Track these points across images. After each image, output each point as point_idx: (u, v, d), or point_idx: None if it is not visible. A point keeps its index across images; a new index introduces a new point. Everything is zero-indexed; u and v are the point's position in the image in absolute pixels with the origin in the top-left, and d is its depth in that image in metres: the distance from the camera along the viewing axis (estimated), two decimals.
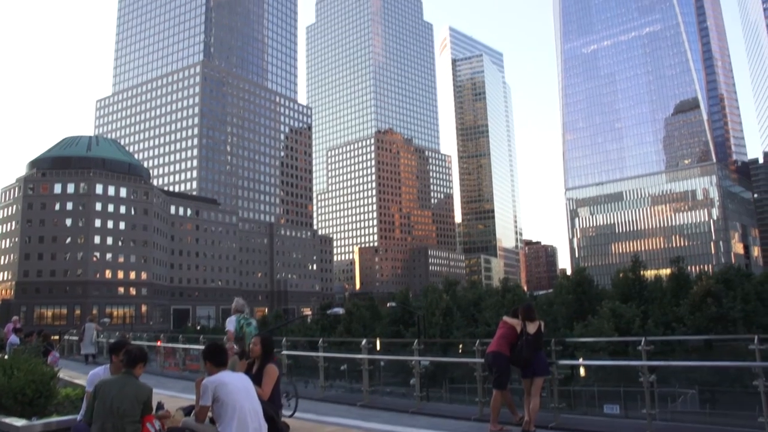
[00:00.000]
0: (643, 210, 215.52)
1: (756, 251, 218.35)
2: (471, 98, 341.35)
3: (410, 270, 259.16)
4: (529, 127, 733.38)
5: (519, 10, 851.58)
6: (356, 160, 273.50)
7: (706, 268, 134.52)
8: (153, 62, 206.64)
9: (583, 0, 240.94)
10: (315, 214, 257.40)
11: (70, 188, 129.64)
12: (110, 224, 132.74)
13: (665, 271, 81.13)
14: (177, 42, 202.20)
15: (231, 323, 12.05)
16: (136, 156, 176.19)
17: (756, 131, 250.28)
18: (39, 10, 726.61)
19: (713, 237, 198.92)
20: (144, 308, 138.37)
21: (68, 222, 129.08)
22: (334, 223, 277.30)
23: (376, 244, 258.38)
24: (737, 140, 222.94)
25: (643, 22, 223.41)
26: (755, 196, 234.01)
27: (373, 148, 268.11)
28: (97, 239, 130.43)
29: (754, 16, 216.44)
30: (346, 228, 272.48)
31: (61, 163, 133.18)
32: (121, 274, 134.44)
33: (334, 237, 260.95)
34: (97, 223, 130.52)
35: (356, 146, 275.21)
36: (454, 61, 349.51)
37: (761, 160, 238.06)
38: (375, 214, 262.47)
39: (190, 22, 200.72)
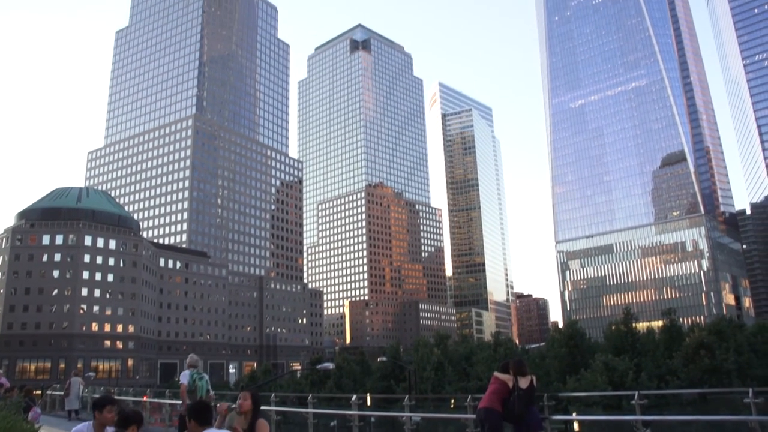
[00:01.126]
0: (633, 262, 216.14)
1: (747, 302, 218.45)
2: (461, 152, 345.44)
3: (401, 324, 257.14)
4: (518, 181, 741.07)
5: (507, 66, 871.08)
6: (347, 214, 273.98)
7: (697, 320, 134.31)
8: (145, 115, 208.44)
9: (570, 56, 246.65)
10: (305, 268, 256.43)
11: (59, 239, 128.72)
12: (98, 276, 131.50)
13: (657, 323, 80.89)
14: (170, 95, 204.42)
15: (185, 377, 12.88)
16: (126, 208, 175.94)
17: (742, 182, 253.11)
18: (32, 62, 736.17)
19: (704, 288, 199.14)
20: (130, 362, 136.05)
21: (55, 274, 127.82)
22: (325, 276, 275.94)
23: (366, 297, 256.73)
24: (724, 192, 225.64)
25: (629, 77, 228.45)
26: (744, 246, 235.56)
27: (363, 201, 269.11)
28: (84, 291, 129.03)
29: (735, 70, 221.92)
30: (336, 282, 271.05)
31: (50, 214, 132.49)
32: (108, 327, 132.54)
33: (325, 291, 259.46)
34: (85, 275, 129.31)
35: (347, 200, 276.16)
36: (443, 116, 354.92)
37: (749, 211, 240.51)
38: (365, 268, 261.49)
39: (183, 76, 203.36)
